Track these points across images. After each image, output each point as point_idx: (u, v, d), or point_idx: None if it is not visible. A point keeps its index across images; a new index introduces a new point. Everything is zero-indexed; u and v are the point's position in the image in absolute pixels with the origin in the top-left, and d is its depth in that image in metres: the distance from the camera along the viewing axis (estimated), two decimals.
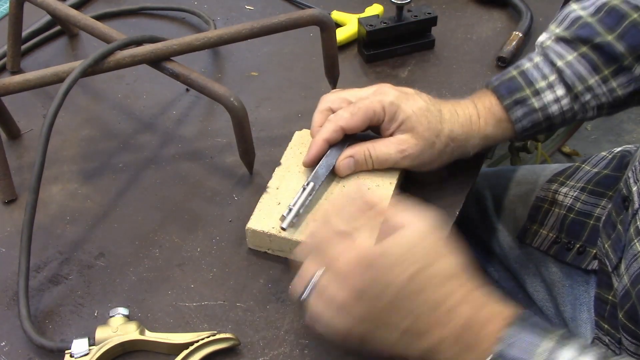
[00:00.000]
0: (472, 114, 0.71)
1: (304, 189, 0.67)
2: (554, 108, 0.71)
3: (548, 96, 0.70)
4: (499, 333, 0.50)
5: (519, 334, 0.50)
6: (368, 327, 0.54)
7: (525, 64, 0.73)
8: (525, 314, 0.52)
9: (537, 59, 0.73)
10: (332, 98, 0.71)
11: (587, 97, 0.71)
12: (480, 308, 0.53)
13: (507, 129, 0.71)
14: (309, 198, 0.66)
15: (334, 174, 0.71)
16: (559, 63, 0.71)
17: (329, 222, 0.56)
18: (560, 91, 0.70)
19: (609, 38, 0.69)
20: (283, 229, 0.64)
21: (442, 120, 0.68)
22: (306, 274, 0.56)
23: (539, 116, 0.71)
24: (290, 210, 0.65)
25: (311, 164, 0.69)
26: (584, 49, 0.70)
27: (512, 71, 0.73)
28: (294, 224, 0.65)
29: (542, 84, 0.71)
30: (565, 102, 0.71)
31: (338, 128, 0.68)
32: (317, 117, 0.71)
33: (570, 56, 0.71)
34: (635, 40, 0.69)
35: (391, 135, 0.69)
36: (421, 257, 0.53)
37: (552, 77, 0.71)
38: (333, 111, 0.70)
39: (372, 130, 0.71)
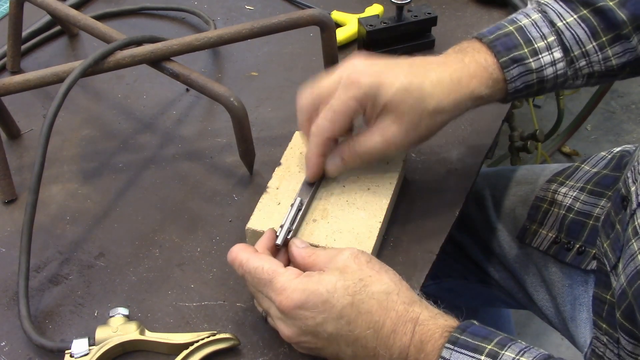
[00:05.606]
0: (462, 76, 0.65)
1: (292, 206, 0.65)
2: (549, 71, 0.67)
3: (545, 57, 0.67)
4: (440, 350, 0.53)
5: (458, 349, 0.53)
6: (322, 354, 0.58)
7: (523, 20, 0.68)
8: (463, 325, 0.55)
9: (535, 16, 0.68)
10: (307, 106, 0.67)
11: (582, 63, 0.68)
12: (421, 324, 0.55)
13: (500, 89, 0.67)
14: (299, 213, 0.65)
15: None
16: (559, 24, 0.67)
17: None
18: (557, 54, 0.67)
19: (612, 3, 0.67)
20: (278, 245, 0.64)
21: (424, 96, 0.63)
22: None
23: (533, 78, 0.67)
24: (281, 228, 0.64)
25: (315, 180, 0.69)
26: (585, 11, 0.67)
27: (508, 26, 0.68)
28: (288, 240, 0.64)
29: (540, 43, 0.67)
30: (560, 65, 0.67)
31: (326, 141, 0.66)
32: (303, 130, 0.68)
33: (570, 18, 0.67)
34: (638, 8, 0.66)
35: (375, 120, 0.65)
36: (352, 283, 0.56)
37: (551, 38, 0.67)
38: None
39: None
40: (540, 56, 0.66)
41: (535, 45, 0.67)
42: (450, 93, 0.64)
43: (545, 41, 0.67)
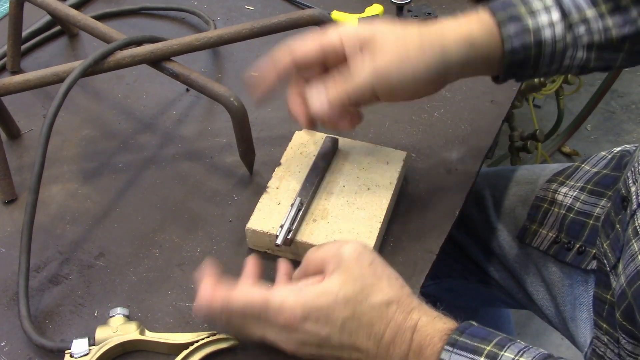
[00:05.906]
0: (454, 22, 0.66)
1: (292, 206, 0.66)
2: (547, 33, 0.66)
3: (543, 18, 0.66)
4: (439, 353, 0.53)
5: (457, 351, 0.53)
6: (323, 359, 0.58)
7: None
8: (462, 327, 0.55)
9: None
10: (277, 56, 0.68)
11: (582, 29, 0.66)
12: (419, 330, 0.55)
13: (496, 46, 0.66)
14: (299, 213, 0.66)
15: (331, 175, 0.71)
16: None
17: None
18: (555, 15, 0.66)
19: None
20: (277, 245, 0.64)
21: (407, 31, 0.64)
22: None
23: (530, 39, 0.66)
24: (281, 228, 0.65)
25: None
26: None
27: None
28: (288, 240, 0.65)
29: (538, 5, 0.66)
30: (559, 29, 0.66)
31: (288, 65, 0.65)
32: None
33: None
34: None
35: (360, 55, 0.64)
36: (353, 295, 0.56)
37: (549, 1, 0.66)
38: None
39: None
40: (537, 16, 0.66)
41: (533, 5, 0.66)
42: (439, 29, 0.65)
43: (543, 3, 0.66)
